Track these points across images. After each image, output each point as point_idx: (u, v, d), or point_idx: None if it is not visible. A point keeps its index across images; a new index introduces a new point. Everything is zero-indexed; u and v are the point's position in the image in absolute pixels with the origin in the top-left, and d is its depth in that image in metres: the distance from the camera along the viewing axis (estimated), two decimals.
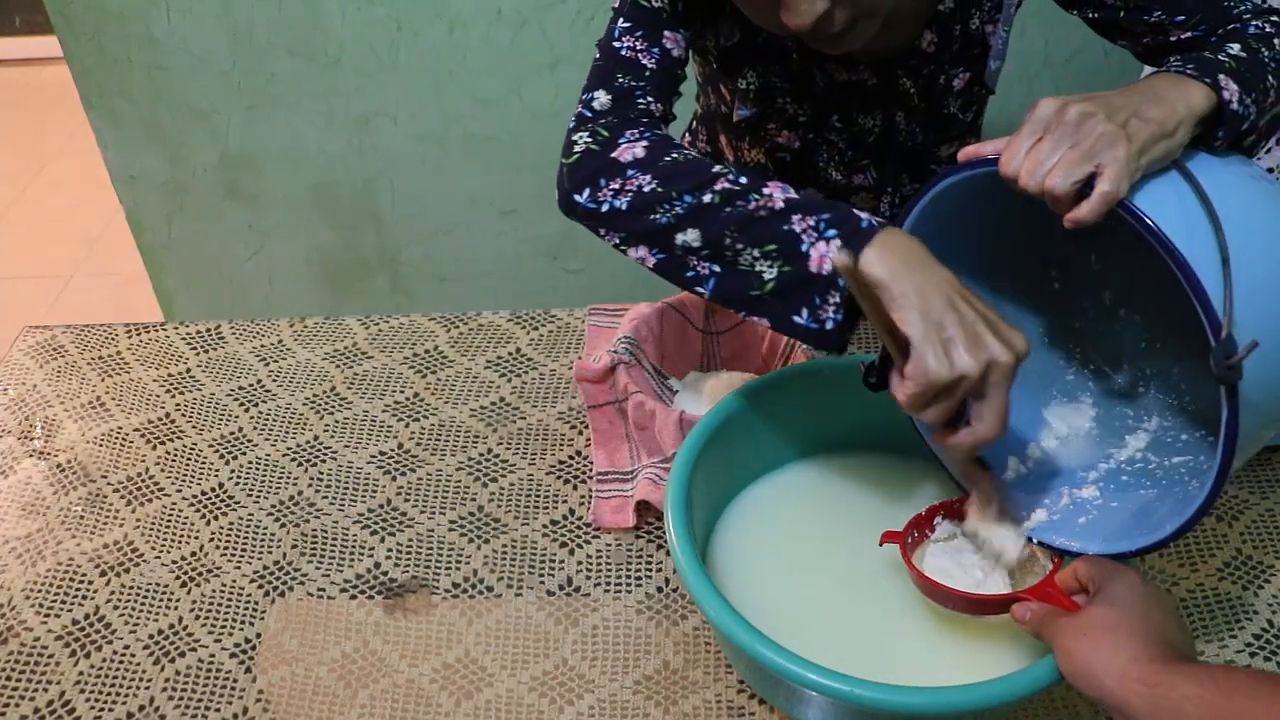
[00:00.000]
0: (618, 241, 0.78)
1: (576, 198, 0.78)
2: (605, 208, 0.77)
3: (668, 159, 0.76)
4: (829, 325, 0.69)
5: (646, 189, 0.75)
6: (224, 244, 2.09)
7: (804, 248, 0.68)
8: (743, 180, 0.73)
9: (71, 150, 3.28)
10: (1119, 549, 0.70)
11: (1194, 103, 0.68)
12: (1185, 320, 0.61)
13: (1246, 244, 0.62)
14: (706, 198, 0.72)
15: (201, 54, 1.82)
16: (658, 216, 0.74)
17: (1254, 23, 0.82)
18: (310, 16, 1.78)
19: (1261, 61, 0.76)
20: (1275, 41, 0.79)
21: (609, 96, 0.82)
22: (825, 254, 0.68)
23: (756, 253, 0.70)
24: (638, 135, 0.78)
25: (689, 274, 0.74)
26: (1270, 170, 1.58)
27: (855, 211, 0.70)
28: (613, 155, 0.77)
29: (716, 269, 0.73)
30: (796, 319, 0.70)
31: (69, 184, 3.16)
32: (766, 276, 0.70)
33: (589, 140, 0.79)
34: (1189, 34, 0.84)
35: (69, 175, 3.19)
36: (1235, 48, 0.76)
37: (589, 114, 0.82)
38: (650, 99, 0.83)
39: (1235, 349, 0.58)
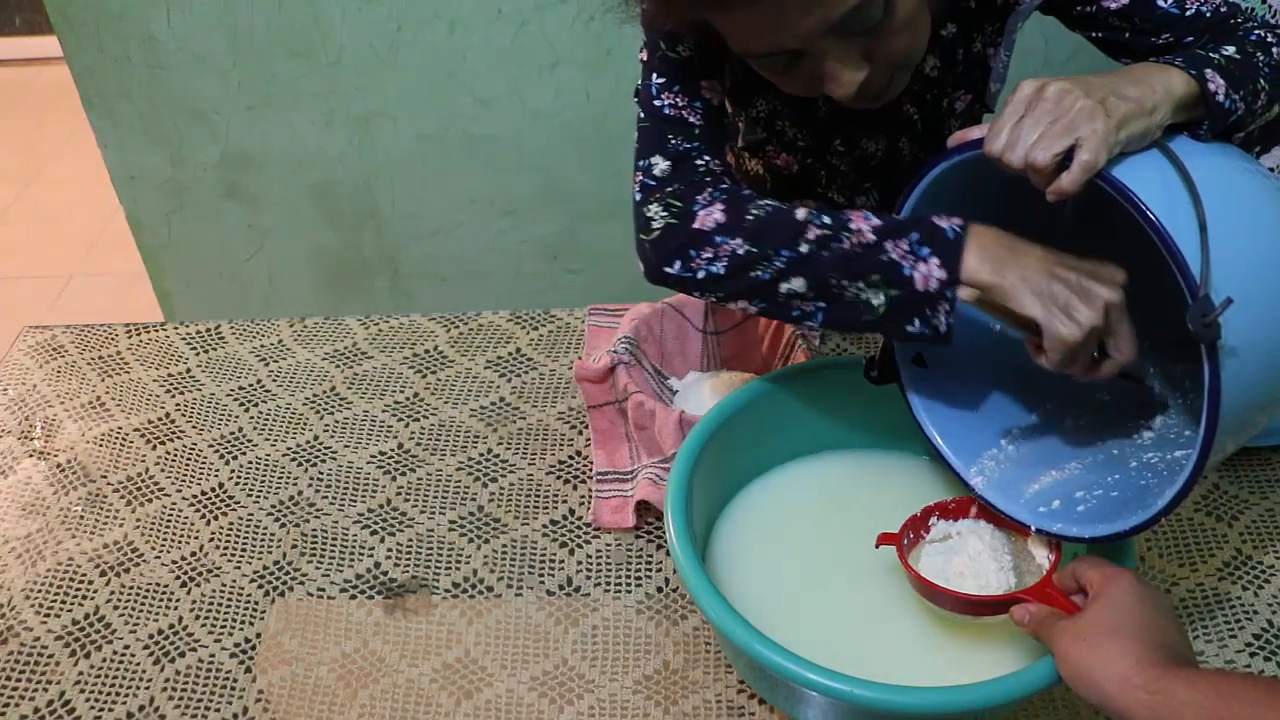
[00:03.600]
0: (716, 299, 0.79)
1: (669, 270, 0.78)
2: (702, 275, 0.77)
3: (750, 216, 0.76)
4: (943, 329, 0.73)
5: (741, 251, 0.75)
6: (224, 244, 2.09)
7: (906, 272, 0.72)
8: (828, 220, 0.74)
9: (71, 150, 3.27)
10: (1116, 529, 0.70)
11: (1173, 86, 0.70)
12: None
13: (1226, 215, 0.63)
14: (803, 248, 0.74)
15: (201, 54, 1.82)
16: (758, 273, 0.75)
17: (1256, 31, 0.82)
18: (310, 16, 1.77)
19: (1255, 64, 0.77)
20: (1275, 50, 0.80)
21: (667, 162, 0.81)
22: (928, 274, 0.71)
23: (861, 284, 0.73)
24: (709, 198, 0.78)
25: (795, 314, 0.76)
26: (1272, 170, 1.58)
27: (936, 222, 0.73)
28: (695, 226, 0.77)
29: (823, 304, 0.75)
30: (910, 329, 0.73)
31: (69, 184, 3.15)
32: (875, 303, 0.73)
33: (664, 214, 0.79)
34: None
35: (69, 175, 3.18)
36: (1230, 49, 0.77)
37: (653, 183, 0.81)
38: (707, 157, 0.82)
39: (1213, 308, 0.60)
